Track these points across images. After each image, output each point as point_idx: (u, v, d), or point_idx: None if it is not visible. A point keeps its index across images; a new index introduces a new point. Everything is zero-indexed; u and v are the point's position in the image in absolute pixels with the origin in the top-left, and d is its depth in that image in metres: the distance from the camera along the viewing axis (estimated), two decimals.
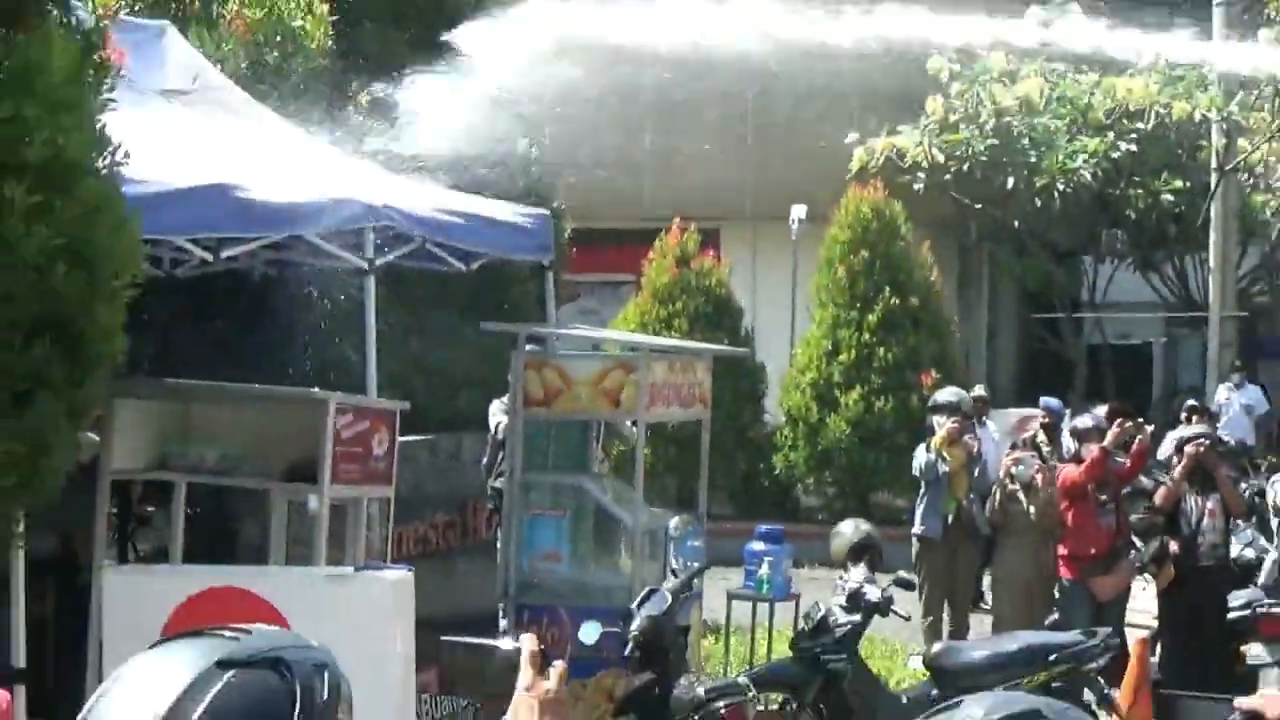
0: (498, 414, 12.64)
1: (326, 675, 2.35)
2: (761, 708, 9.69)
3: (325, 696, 2.33)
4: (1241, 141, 24.10)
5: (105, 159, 6.45)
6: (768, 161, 23.41)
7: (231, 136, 9.05)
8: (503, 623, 10.83)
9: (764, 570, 12.18)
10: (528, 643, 2.73)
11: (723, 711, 8.99)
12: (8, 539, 6.54)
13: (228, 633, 2.38)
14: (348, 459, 7.89)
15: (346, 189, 8.87)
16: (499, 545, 11.45)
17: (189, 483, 8.46)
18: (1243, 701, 2.92)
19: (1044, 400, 16.02)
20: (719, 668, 12.28)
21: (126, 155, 6.52)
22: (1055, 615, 12.67)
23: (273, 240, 9.01)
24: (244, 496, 9.21)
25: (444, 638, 2.80)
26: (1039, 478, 12.94)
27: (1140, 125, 23.53)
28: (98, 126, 6.44)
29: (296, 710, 2.28)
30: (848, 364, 19.86)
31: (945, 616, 13.44)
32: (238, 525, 9.65)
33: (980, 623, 13.74)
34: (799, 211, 21.92)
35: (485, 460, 12.51)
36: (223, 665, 2.28)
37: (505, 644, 2.83)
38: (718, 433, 11.70)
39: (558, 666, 2.73)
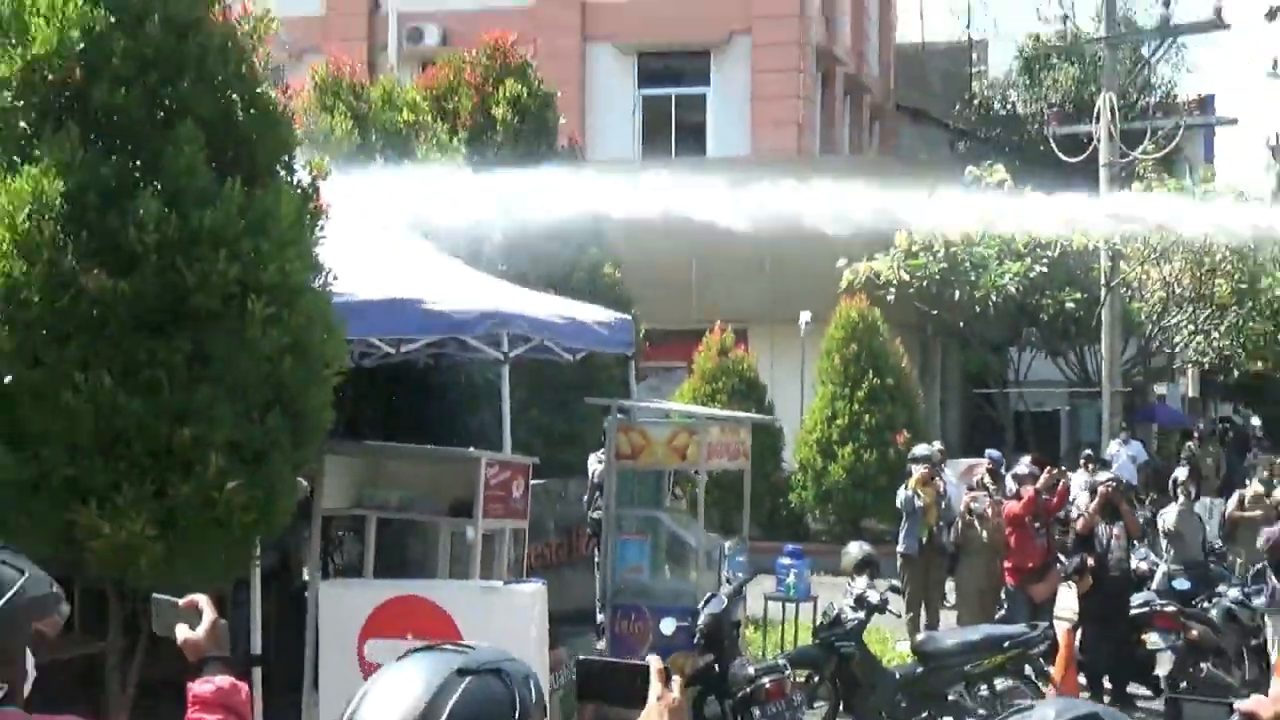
0: (595, 464, 12.48)
1: (533, 684, 2.13)
2: (793, 681, 9.41)
3: (534, 701, 2.11)
4: (1122, 264, 23.97)
5: (320, 280, 6.36)
6: (783, 280, 23.19)
7: (403, 259, 8.92)
8: (600, 617, 10.60)
9: (791, 578, 11.95)
10: (655, 661, 2.49)
11: (768, 685, 8.73)
12: (249, 559, 6.40)
13: (453, 647, 2.15)
14: (495, 500, 7.70)
15: (488, 301, 8.71)
16: (597, 561, 11.23)
17: (378, 517, 8.26)
18: (1241, 704, 2.63)
19: (989, 452, 15.73)
20: (759, 651, 11.96)
21: (335, 277, 6.42)
22: (1003, 612, 12.42)
23: (437, 339, 8.85)
24: (410, 527, 9.00)
25: (581, 657, 2.52)
26: (989, 510, 12.68)
27: (1049, 253, 23.31)
28: (314, 256, 6.35)
29: (517, 713, 2.06)
30: (843, 427, 19.62)
31: (922, 613, 13.10)
32: (405, 549, 9.43)
33: (947, 618, 13.37)
34: (805, 316, 21.65)
35: (586, 498, 12.33)
36: (461, 673, 2.06)
37: (633, 662, 2.56)
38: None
39: (677, 680, 2.48)
